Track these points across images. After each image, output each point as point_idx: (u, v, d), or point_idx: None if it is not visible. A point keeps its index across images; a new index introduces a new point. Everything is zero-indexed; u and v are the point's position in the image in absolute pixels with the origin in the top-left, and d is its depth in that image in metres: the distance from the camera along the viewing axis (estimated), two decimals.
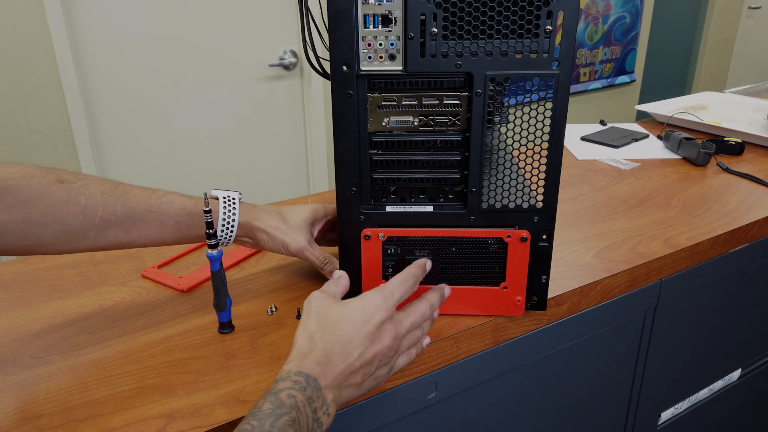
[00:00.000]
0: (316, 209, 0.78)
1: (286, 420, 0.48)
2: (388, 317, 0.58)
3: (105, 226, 0.64)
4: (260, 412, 0.49)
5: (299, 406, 0.50)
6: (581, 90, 2.91)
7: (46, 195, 0.61)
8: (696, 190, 1.09)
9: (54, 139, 1.75)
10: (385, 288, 0.60)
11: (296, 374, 0.52)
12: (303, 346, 0.56)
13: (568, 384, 0.88)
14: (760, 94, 1.74)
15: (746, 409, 1.28)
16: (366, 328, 0.56)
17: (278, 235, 0.73)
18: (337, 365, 0.54)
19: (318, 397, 0.52)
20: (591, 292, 0.80)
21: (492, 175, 0.66)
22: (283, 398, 0.50)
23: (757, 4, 3.88)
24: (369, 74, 0.62)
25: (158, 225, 0.67)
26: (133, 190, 0.67)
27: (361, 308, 0.58)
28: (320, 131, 2.19)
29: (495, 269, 0.70)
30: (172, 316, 0.74)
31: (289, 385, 0.51)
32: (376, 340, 0.57)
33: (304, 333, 0.57)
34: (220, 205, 0.70)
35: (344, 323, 0.56)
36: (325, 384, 0.53)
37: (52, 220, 0.62)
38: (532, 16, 0.58)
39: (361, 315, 0.57)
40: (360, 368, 0.56)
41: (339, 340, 0.55)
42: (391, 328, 0.58)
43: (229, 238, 0.71)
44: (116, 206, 0.65)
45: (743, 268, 1.01)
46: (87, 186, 0.64)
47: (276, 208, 0.76)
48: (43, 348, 0.68)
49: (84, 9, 1.71)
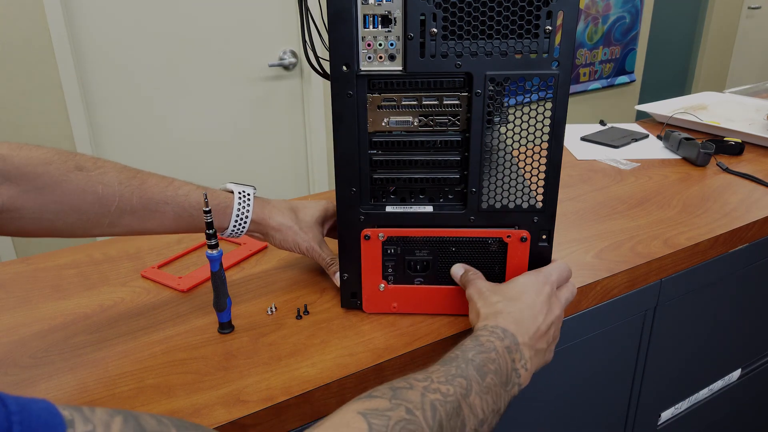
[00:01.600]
0: (327, 207, 0.80)
1: (486, 357, 0.53)
2: (552, 292, 0.63)
3: (120, 215, 0.65)
4: (463, 346, 0.53)
5: (498, 350, 0.54)
6: (581, 90, 2.91)
7: (64, 182, 0.61)
8: (696, 190, 1.09)
9: (54, 139, 1.75)
10: (540, 270, 0.65)
11: (493, 327, 0.56)
12: (490, 310, 0.60)
13: (568, 384, 0.88)
14: (760, 94, 1.74)
15: (746, 409, 1.28)
16: (540, 297, 0.61)
17: (290, 234, 0.75)
18: (529, 326, 0.58)
19: (516, 350, 0.56)
20: (591, 292, 0.80)
21: (492, 175, 0.66)
22: (483, 341, 0.54)
23: (757, 4, 3.88)
24: (369, 74, 0.62)
25: (173, 216, 0.68)
26: (151, 180, 0.68)
27: (530, 282, 0.63)
28: (320, 131, 2.19)
29: (495, 269, 0.70)
30: (172, 317, 0.74)
31: (488, 333, 0.55)
32: (550, 310, 0.61)
33: (486, 305, 0.61)
34: (234, 200, 0.71)
35: (523, 294, 0.61)
36: (523, 341, 0.57)
37: (68, 208, 0.62)
38: (532, 17, 0.59)
39: (533, 287, 0.62)
40: (545, 332, 0.60)
41: (524, 306, 0.60)
42: (556, 300, 0.63)
43: (240, 232, 0.73)
44: (132, 196, 0.65)
45: (743, 268, 1.01)
46: (105, 174, 0.64)
47: (289, 205, 0.77)
48: (43, 348, 0.68)
49: (84, 9, 1.71)
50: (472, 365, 0.52)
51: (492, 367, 0.53)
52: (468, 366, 0.52)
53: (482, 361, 0.53)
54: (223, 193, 0.72)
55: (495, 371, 0.53)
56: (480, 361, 0.53)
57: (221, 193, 0.72)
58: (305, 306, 0.75)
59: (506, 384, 0.54)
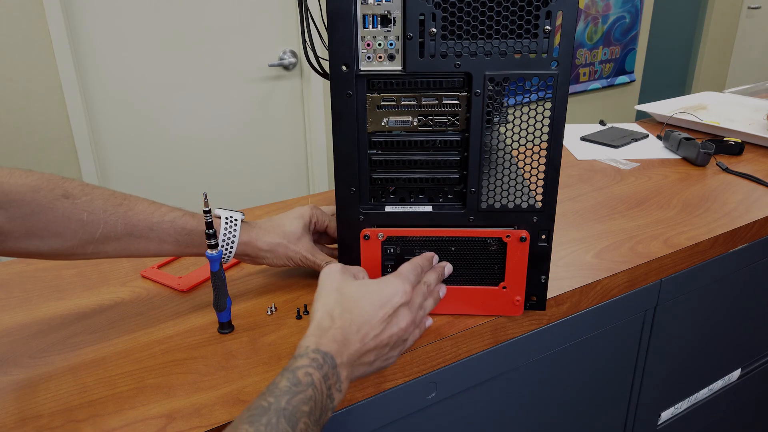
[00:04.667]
0: (306, 213, 0.78)
1: (301, 398, 0.50)
2: (406, 301, 0.60)
3: (104, 241, 0.66)
4: (277, 389, 0.50)
5: (315, 383, 0.52)
6: (581, 90, 2.91)
7: (50, 210, 0.62)
8: (696, 190, 1.09)
9: (54, 139, 1.75)
10: (400, 273, 0.62)
11: (314, 351, 0.54)
12: (322, 320, 0.57)
13: (568, 384, 0.88)
14: (760, 94, 1.74)
15: (746, 409, 1.28)
16: (383, 310, 0.58)
17: (281, 251, 0.75)
18: (353, 344, 0.56)
19: (333, 374, 0.53)
20: (591, 292, 0.80)
21: (491, 175, 0.66)
22: (300, 376, 0.51)
23: (757, 4, 3.88)
24: (368, 74, 0.62)
25: (157, 242, 0.69)
26: (138, 206, 0.68)
27: (379, 290, 0.59)
28: (320, 131, 2.19)
29: (494, 269, 0.70)
30: (172, 317, 0.74)
31: (307, 363, 0.53)
32: (392, 323, 0.59)
33: (324, 307, 0.58)
34: (222, 225, 0.71)
35: (363, 303, 0.58)
36: (341, 362, 0.54)
37: (53, 234, 0.63)
38: (531, 17, 0.59)
39: (379, 297, 0.59)
40: (374, 349, 0.58)
41: (357, 320, 0.57)
42: (407, 312, 0.60)
43: (228, 257, 0.72)
44: (117, 223, 0.66)
45: (743, 268, 1.01)
46: (92, 202, 0.65)
47: (273, 225, 0.76)
48: (43, 348, 0.68)
49: (84, 9, 1.72)
50: (283, 416, 0.48)
51: (306, 409, 0.50)
52: (279, 419, 0.48)
53: (296, 405, 0.49)
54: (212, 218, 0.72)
55: (309, 412, 0.50)
56: (293, 406, 0.49)
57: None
58: (305, 306, 0.75)
59: (320, 417, 0.51)
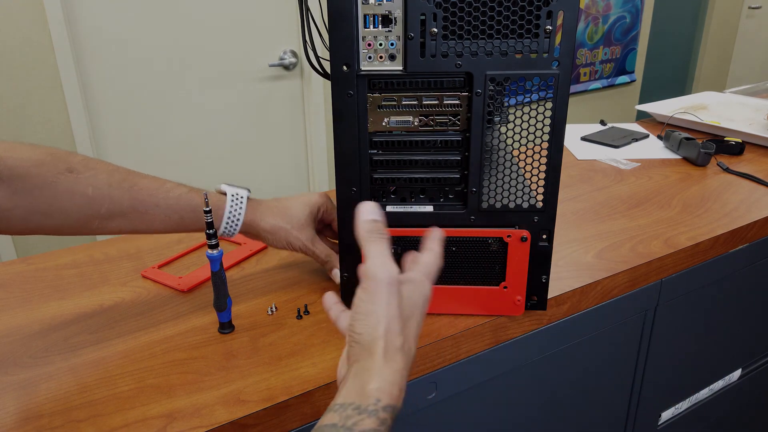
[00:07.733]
0: (317, 201, 0.77)
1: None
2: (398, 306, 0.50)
3: (109, 217, 0.65)
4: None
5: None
6: (581, 90, 2.91)
7: (54, 185, 0.61)
8: (696, 190, 1.09)
9: (54, 139, 1.75)
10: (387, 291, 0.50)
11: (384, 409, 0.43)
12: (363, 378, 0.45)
13: (568, 384, 0.88)
14: (760, 94, 1.74)
15: (746, 409, 1.28)
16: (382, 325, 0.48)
17: (283, 234, 0.74)
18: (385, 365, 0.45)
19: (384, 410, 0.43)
20: (591, 292, 0.80)
21: (492, 175, 0.66)
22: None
23: (757, 4, 3.88)
24: (369, 74, 0.62)
25: (162, 218, 0.68)
26: (143, 182, 0.68)
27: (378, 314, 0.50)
28: (320, 131, 2.19)
29: (495, 269, 0.70)
30: (172, 316, 0.74)
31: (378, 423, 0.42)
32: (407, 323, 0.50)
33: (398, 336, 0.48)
34: (227, 202, 0.72)
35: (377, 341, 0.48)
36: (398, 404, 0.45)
37: (56, 210, 0.62)
38: (532, 16, 0.58)
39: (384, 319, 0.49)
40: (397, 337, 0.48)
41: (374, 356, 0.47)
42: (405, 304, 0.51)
43: (232, 232, 0.73)
44: (123, 199, 0.65)
45: (743, 268, 1.01)
46: (96, 176, 0.64)
47: (279, 206, 0.76)
48: (43, 348, 0.68)
49: (84, 9, 1.71)
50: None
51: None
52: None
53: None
54: (216, 195, 0.72)
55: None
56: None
57: (214, 195, 0.72)
58: (305, 306, 0.75)
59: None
